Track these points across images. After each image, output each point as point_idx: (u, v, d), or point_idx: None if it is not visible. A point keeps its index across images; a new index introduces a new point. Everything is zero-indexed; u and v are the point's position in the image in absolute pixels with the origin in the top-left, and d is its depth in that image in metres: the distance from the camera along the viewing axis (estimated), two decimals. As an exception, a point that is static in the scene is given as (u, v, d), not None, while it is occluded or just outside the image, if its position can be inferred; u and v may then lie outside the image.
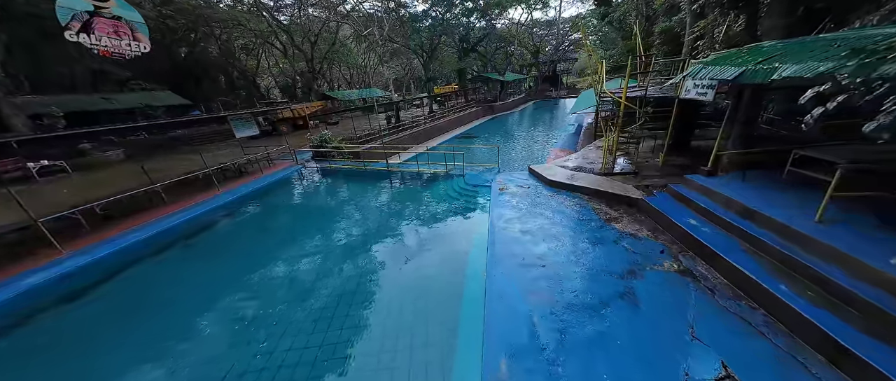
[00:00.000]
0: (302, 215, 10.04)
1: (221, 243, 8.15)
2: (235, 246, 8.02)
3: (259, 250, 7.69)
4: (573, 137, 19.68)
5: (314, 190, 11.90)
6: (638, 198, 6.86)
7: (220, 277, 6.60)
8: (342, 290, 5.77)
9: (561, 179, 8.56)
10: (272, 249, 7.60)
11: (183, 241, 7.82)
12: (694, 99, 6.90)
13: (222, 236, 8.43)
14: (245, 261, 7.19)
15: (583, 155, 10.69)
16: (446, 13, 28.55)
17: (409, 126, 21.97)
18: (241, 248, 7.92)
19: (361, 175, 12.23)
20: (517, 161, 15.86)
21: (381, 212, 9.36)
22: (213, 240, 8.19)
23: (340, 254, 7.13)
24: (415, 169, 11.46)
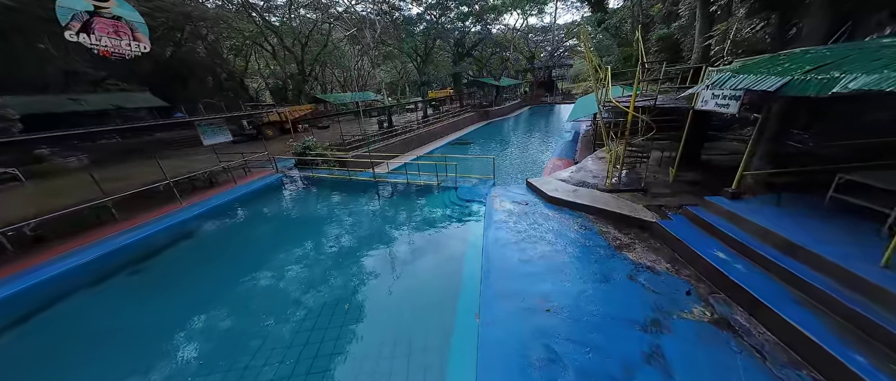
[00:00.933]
0: (275, 231, 8.99)
1: (179, 266, 7.07)
2: (195, 270, 6.97)
3: (220, 274, 6.65)
4: (571, 145, 18.97)
5: (293, 203, 10.86)
6: (651, 221, 6.02)
7: (171, 309, 5.55)
8: (300, 328, 4.79)
9: (562, 195, 7.70)
10: (235, 271, 6.55)
11: (131, 266, 6.74)
12: (712, 111, 6.13)
13: (180, 258, 7.35)
14: (202, 288, 6.16)
15: (584, 167, 9.88)
16: (441, 17, 27.83)
17: (402, 131, 21.06)
18: (202, 272, 6.87)
19: (346, 186, 11.24)
20: (514, 172, 15.03)
21: (361, 232, 8.38)
22: (169, 263, 7.11)
23: (304, 283, 6.13)
24: (404, 180, 10.52)
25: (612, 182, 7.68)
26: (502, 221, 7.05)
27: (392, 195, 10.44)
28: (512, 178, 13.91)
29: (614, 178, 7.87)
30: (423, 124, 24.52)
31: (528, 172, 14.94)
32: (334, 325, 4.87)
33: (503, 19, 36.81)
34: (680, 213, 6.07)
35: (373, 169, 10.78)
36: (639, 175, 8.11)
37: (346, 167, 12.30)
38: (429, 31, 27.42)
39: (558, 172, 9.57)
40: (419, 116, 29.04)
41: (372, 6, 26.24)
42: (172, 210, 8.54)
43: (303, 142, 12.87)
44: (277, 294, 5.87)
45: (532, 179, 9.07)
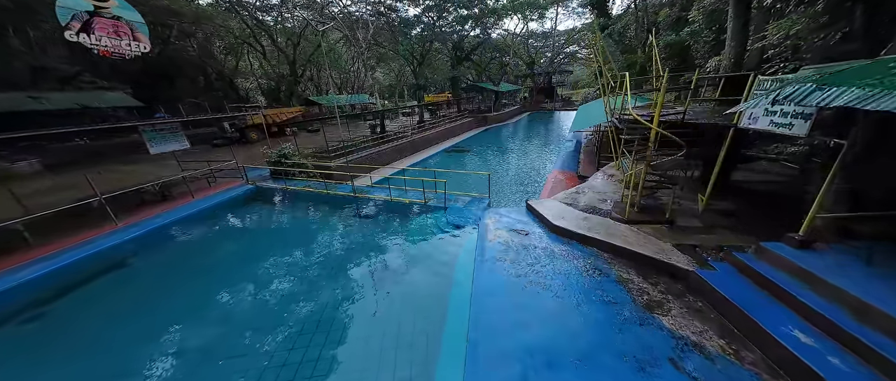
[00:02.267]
0: (231, 258, 7.55)
1: (99, 305, 5.64)
2: (118, 309, 5.54)
3: (139, 328, 5.21)
4: (573, 156, 17.66)
5: (258, 221, 9.42)
6: (686, 269, 4.66)
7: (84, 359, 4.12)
8: None
9: (570, 224, 6.33)
10: (166, 314, 5.13)
11: (28, 311, 5.29)
12: (764, 131, 4.80)
13: (99, 295, 5.91)
14: (126, 334, 4.73)
15: (592, 186, 8.52)
16: (439, 19, 26.62)
17: (395, 137, 19.71)
18: (128, 312, 5.44)
19: (323, 201, 9.83)
20: (512, 186, 13.63)
21: (327, 261, 6.95)
22: (84, 302, 5.67)
23: (253, 329, 4.70)
24: (386, 197, 9.12)
25: (631, 211, 6.31)
26: (496, 259, 5.67)
27: (372, 215, 9.03)
28: (510, 195, 12.53)
29: (631, 204, 6.51)
30: (419, 130, 23.19)
31: (527, 187, 13.59)
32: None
33: (503, 24, 35.73)
34: (724, 260, 4.71)
35: (352, 183, 9.37)
36: (661, 202, 6.76)
37: (329, 178, 10.89)
38: (426, 34, 26.19)
39: (563, 193, 8.20)
40: (415, 120, 27.79)
41: (367, 7, 25.00)
42: (104, 233, 7.09)
43: (278, 149, 11.47)
44: (216, 348, 4.45)
45: (533, 202, 7.71)
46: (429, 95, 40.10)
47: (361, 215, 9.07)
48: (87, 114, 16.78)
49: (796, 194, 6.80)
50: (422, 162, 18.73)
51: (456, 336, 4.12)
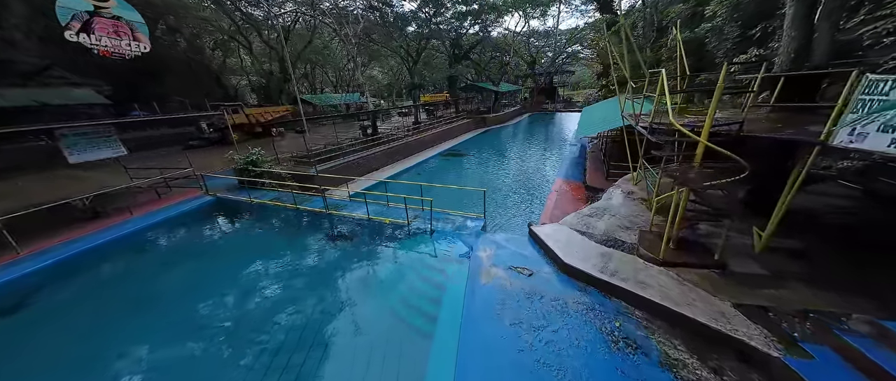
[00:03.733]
0: (166, 292, 6.06)
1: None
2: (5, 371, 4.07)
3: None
4: (578, 162, 16.18)
5: (211, 242, 7.92)
6: (765, 352, 3.17)
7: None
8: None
9: (587, 265, 4.84)
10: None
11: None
12: (879, 154, 3.32)
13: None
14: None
15: (608, 207, 7.01)
16: (436, 15, 25.05)
17: (387, 139, 18.19)
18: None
19: (292, 218, 8.34)
20: (511, 199, 12.10)
21: (283, 300, 5.47)
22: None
23: None
24: (364, 215, 7.63)
25: (667, 249, 4.80)
26: (492, 313, 4.19)
27: (347, 236, 7.53)
28: (509, 211, 10.98)
29: (664, 235, 5.01)
30: (414, 131, 21.65)
31: (529, 200, 12.09)
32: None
33: (503, 21, 34.17)
34: (821, 340, 3.22)
35: (324, 198, 7.86)
36: (703, 235, 5.27)
37: (303, 189, 9.39)
38: (422, 30, 24.62)
39: (574, 216, 6.71)
40: (411, 121, 26.27)
41: (360, 1, 23.40)
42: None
43: (246, 155, 9.96)
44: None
45: (538, 228, 6.22)
46: (426, 95, 38.57)
47: (334, 236, 7.57)
48: (50, 112, 15.26)
49: (879, 225, 5.35)
50: (415, 167, 17.23)
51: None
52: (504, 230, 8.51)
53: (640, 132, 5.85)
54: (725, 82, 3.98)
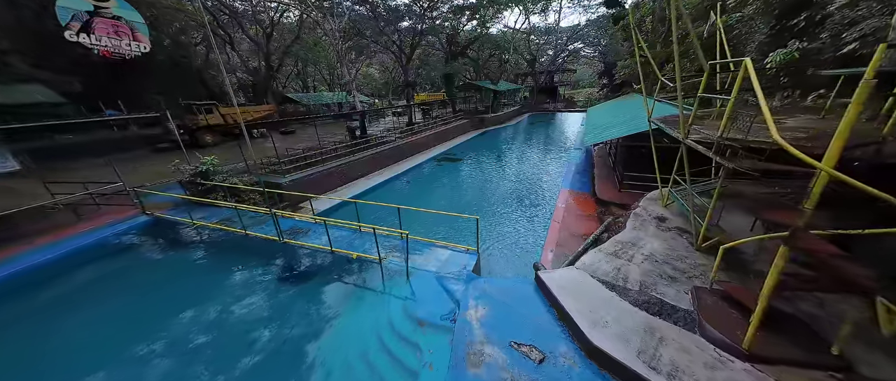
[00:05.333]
0: (59, 348, 4.39)
1: None
2: None
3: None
4: (584, 168, 14.51)
5: (131, 280, 6.20)
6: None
7: None
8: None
9: (628, 354, 3.17)
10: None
11: None
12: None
13: None
14: None
15: (637, 240, 5.34)
16: (431, 10, 23.23)
17: (376, 143, 16.46)
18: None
19: (239, 247, 6.67)
20: (509, 222, 10.32)
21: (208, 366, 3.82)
22: None
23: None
24: (326, 247, 5.95)
25: (755, 336, 3.12)
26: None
27: (298, 278, 5.86)
28: (508, 239, 9.10)
29: (756, 325, 3.34)
30: (408, 133, 19.93)
31: (531, 217, 10.39)
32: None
33: (503, 18, 32.30)
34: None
35: (275, 221, 6.16)
36: (803, 308, 3.59)
37: (266, 208, 7.70)
38: (416, 26, 22.81)
39: (594, 255, 5.04)
40: (404, 121, 24.52)
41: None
42: None
43: (201, 163, 8.26)
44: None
45: (547, 274, 4.57)
46: (423, 94, 36.77)
47: (284, 275, 5.90)
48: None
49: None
50: (406, 174, 15.55)
51: None
52: (501, 269, 6.88)
53: (692, 148, 4.18)
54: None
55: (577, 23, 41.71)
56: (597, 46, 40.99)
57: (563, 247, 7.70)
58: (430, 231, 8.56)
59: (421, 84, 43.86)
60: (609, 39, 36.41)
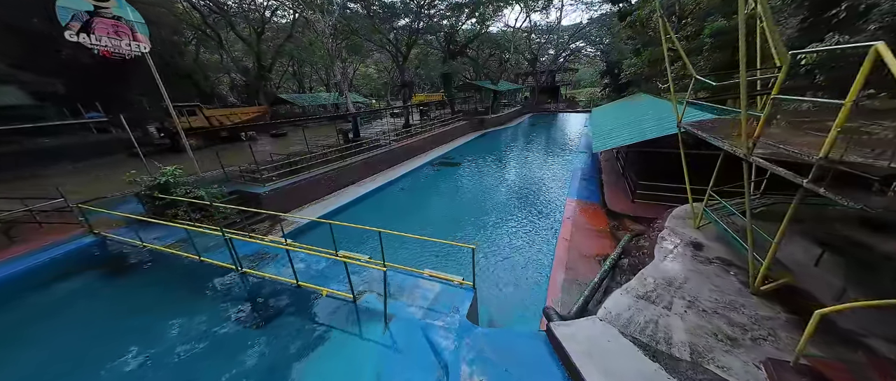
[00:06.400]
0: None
1: None
2: None
3: None
4: (590, 174, 13.41)
5: (65, 318, 5.12)
6: None
7: None
8: None
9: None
10: None
11: None
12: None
13: None
14: None
15: (672, 279, 4.22)
16: (429, 7, 22.11)
17: (369, 147, 15.38)
18: None
19: (194, 276, 5.60)
20: (510, 239, 9.17)
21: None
22: None
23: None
24: (291, 281, 4.87)
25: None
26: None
27: (255, 319, 4.77)
28: (508, 263, 7.87)
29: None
30: (404, 135, 18.84)
31: (532, 232, 9.28)
32: None
33: (503, 16, 31.17)
34: None
35: (229, 246, 5.07)
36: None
37: (249, 226, 6.64)
38: (413, 24, 21.70)
39: (619, 298, 3.94)
40: (401, 123, 23.43)
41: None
42: None
43: (160, 173, 7.18)
44: None
45: (561, 327, 3.48)
46: (421, 95, 35.67)
47: (242, 314, 4.83)
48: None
49: None
50: (400, 180, 14.47)
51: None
52: (502, 301, 5.80)
53: (764, 167, 3.08)
54: None
55: (580, 21, 40.61)
56: (599, 45, 39.77)
57: (574, 271, 6.61)
58: (418, 252, 7.49)
59: (419, 84, 42.78)
60: (612, 38, 35.27)
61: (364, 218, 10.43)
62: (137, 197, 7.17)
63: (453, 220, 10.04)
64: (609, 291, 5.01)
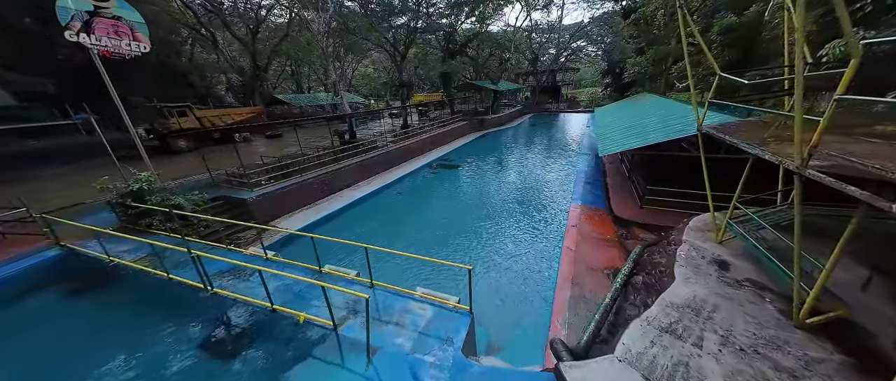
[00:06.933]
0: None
1: None
2: None
3: None
4: (594, 178, 12.82)
5: (20, 343, 4.60)
6: None
7: None
8: None
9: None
10: None
11: None
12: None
13: None
14: None
15: (700, 307, 3.64)
16: (428, 6, 21.54)
17: (364, 149, 14.83)
18: None
19: (162, 296, 5.05)
20: (510, 247, 8.58)
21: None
22: None
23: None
24: (265, 304, 4.31)
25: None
26: None
27: (224, 348, 4.23)
28: (508, 275, 7.23)
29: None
30: (403, 136, 18.28)
31: (534, 240, 8.70)
32: None
33: (503, 14, 30.55)
34: None
35: (196, 263, 4.51)
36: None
37: (212, 238, 6.10)
38: (411, 23, 21.13)
39: (638, 330, 3.37)
40: (399, 123, 22.88)
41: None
42: None
43: (134, 179, 6.65)
44: None
45: (572, 371, 2.92)
46: (420, 95, 35.12)
47: (212, 339, 4.28)
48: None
49: None
50: (397, 183, 13.92)
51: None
52: (504, 321, 5.24)
53: (830, 185, 2.50)
54: None
55: (581, 20, 39.95)
56: (601, 44, 39.15)
57: (581, 286, 6.03)
58: (411, 261, 6.91)
59: (419, 84, 42.21)
60: (614, 37, 34.64)
61: (358, 223, 9.88)
62: (110, 206, 6.62)
63: (451, 226, 9.48)
64: (622, 313, 4.45)
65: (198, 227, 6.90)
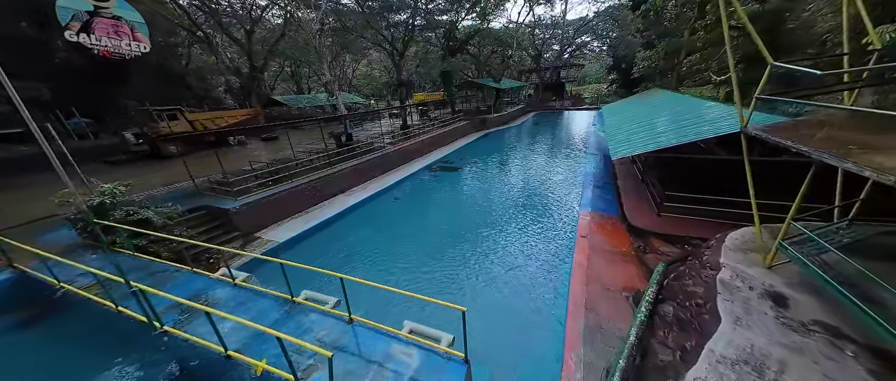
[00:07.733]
0: None
1: None
2: None
3: None
4: (604, 181, 11.87)
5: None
6: None
7: None
8: None
9: None
10: None
11: None
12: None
13: None
14: None
15: (760, 363, 2.83)
16: (427, 3, 20.65)
17: (361, 151, 14.07)
18: None
19: (109, 331, 4.34)
20: (513, 263, 7.68)
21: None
22: None
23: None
24: (217, 346, 3.56)
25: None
26: None
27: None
28: (514, 290, 6.39)
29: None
30: (402, 137, 17.50)
31: (543, 255, 7.81)
32: None
33: (505, 10, 29.50)
34: None
35: (143, 301, 3.76)
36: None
37: (189, 256, 5.39)
38: (411, 20, 20.27)
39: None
40: (398, 125, 22.09)
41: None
42: None
43: (98, 192, 5.97)
44: None
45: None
46: (420, 94, 34.27)
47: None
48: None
49: None
50: (394, 187, 13.15)
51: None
52: (505, 374, 4.41)
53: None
54: None
55: (585, 14, 38.60)
56: (606, 39, 37.84)
57: (596, 313, 5.18)
58: (401, 276, 6.11)
59: (419, 83, 41.35)
60: (620, 31, 33.32)
61: (351, 232, 9.12)
62: (70, 222, 5.95)
63: (450, 234, 8.68)
64: (652, 356, 3.62)
65: (169, 243, 6.21)
